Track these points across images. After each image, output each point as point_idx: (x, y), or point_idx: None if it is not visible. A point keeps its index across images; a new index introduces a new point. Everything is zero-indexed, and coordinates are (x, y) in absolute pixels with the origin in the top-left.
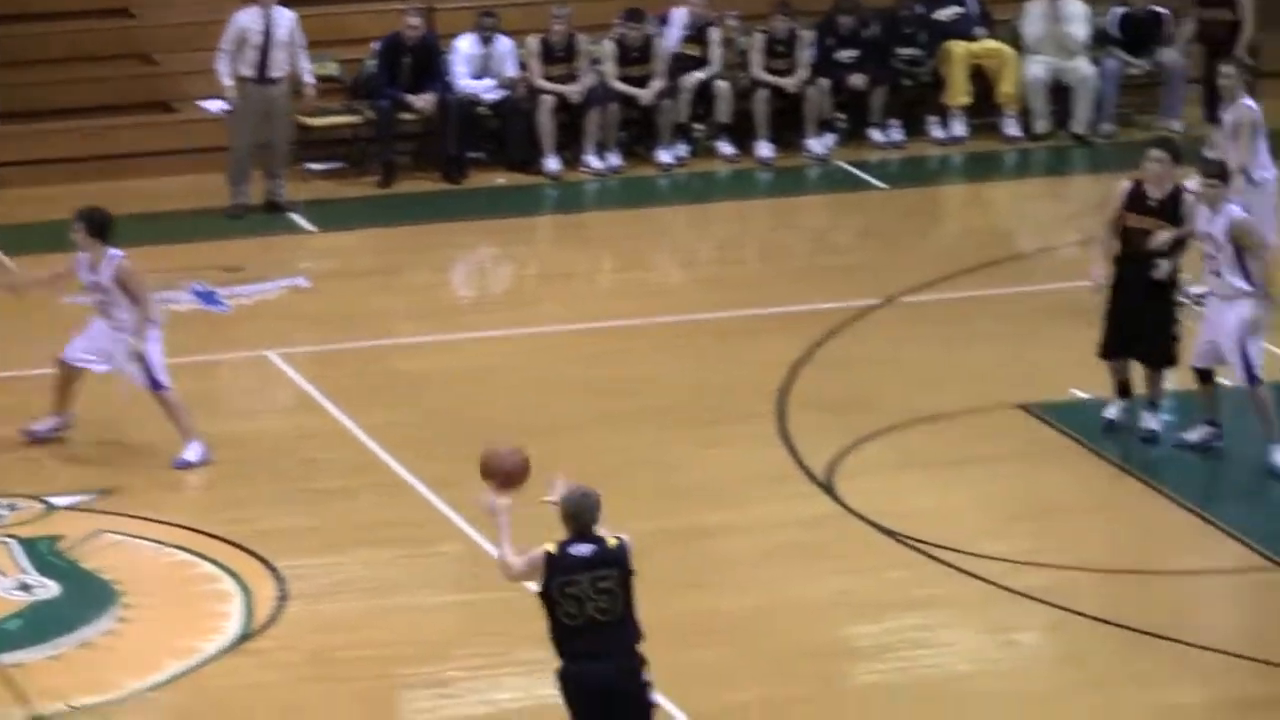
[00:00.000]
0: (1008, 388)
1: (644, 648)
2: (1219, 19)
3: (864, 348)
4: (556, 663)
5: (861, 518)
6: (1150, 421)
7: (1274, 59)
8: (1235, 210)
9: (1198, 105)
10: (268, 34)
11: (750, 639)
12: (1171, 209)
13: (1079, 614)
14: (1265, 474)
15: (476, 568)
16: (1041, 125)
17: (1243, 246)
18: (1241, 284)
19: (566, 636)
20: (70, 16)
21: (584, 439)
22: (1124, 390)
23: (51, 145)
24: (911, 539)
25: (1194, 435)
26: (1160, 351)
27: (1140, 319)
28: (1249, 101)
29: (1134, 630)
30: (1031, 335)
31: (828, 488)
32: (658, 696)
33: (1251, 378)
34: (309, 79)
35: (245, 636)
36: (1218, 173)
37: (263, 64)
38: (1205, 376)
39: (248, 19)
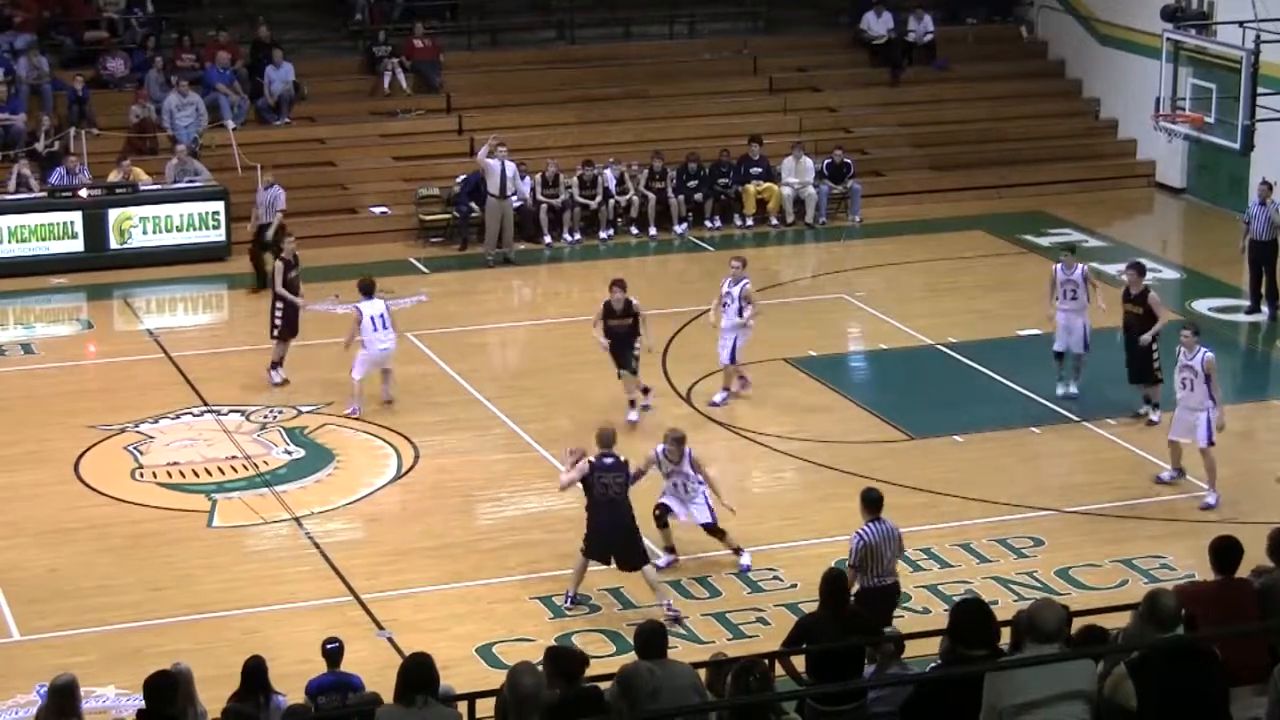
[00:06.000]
0: (778, 350)
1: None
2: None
3: (700, 331)
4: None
5: (701, 414)
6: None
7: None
8: None
9: (866, 207)
10: (503, 173)
11: None
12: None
13: (806, 460)
14: None
15: (515, 440)
16: (789, 219)
17: None
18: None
19: (594, 506)
20: (304, 165)
21: (562, 374)
22: None
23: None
24: (724, 424)
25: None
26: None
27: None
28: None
29: (829, 467)
30: (796, 321)
31: (687, 399)
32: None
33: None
34: (526, 192)
35: (397, 476)
36: None
37: (501, 189)
38: (662, 520)
39: (495, 164)
